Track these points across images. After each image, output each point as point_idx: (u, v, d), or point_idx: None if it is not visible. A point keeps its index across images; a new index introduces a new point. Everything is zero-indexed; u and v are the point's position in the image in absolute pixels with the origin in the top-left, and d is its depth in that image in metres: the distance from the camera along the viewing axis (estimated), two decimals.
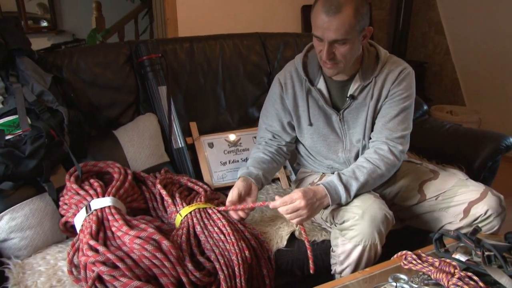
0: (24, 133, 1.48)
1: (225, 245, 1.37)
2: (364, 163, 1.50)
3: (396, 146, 1.53)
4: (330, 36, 1.37)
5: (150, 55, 1.95)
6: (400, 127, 1.54)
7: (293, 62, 1.67)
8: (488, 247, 1.20)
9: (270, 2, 3.55)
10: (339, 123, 1.61)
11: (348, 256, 1.44)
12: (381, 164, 1.50)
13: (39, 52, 1.78)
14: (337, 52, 1.42)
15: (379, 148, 1.53)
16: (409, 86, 1.56)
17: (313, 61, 1.61)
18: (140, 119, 1.93)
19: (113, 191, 1.49)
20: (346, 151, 1.64)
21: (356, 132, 1.61)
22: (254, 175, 1.59)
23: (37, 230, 1.48)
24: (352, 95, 1.57)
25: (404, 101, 1.54)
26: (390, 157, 1.51)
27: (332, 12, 1.34)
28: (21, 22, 5.05)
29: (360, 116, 1.59)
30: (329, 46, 1.40)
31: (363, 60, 1.55)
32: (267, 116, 1.71)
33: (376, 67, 1.55)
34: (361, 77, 1.55)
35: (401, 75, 1.54)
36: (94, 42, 3.95)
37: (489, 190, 1.51)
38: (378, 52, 1.58)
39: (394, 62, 1.58)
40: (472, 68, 3.95)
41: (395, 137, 1.53)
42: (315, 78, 1.60)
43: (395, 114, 1.54)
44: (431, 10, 4.21)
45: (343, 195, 1.44)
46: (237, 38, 2.25)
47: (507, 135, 2.00)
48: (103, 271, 1.18)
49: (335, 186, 1.44)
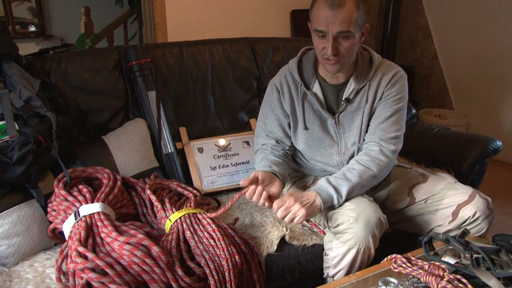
0: (12, 139, 1.47)
1: (215, 250, 1.37)
2: (355, 165, 1.51)
3: (388, 147, 1.54)
4: (336, 29, 1.39)
5: (139, 60, 1.94)
6: (393, 128, 1.56)
7: (287, 67, 1.67)
8: (477, 250, 1.21)
9: (259, 7, 3.57)
10: (334, 127, 1.62)
11: (341, 259, 1.44)
12: (372, 165, 1.51)
13: (27, 57, 1.77)
14: (341, 48, 1.43)
15: (370, 150, 1.54)
16: (402, 89, 1.58)
17: (307, 65, 1.62)
18: (129, 124, 1.92)
19: (102, 197, 1.48)
20: (340, 154, 1.65)
21: (351, 136, 1.62)
22: (275, 170, 1.54)
23: (25, 237, 1.46)
24: (348, 98, 1.58)
25: (397, 102, 1.56)
26: (381, 158, 1.52)
27: (336, 5, 1.37)
28: (9, 27, 5.01)
29: (356, 120, 1.60)
30: (333, 41, 1.41)
31: (357, 63, 1.57)
32: (266, 123, 1.70)
33: (370, 71, 1.57)
34: (355, 80, 1.57)
35: (394, 78, 1.57)
36: (83, 47, 3.93)
37: (477, 192, 1.52)
38: (371, 56, 1.61)
39: (387, 66, 1.60)
40: (460, 72, 3.99)
41: (388, 137, 1.55)
42: (310, 82, 1.61)
43: (388, 115, 1.56)
44: (419, 15, 4.25)
45: (334, 195, 1.44)
46: (226, 43, 2.26)
47: (494, 138, 2.02)
48: (92, 278, 1.17)
49: (325, 188, 1.45)
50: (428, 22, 4.18)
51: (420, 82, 4.39)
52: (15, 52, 1.67)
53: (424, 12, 4.19)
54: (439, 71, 4.17)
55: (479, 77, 3.82)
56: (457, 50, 3.96)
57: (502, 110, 3.69)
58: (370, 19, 4.48)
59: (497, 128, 3.71)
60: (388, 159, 1.53)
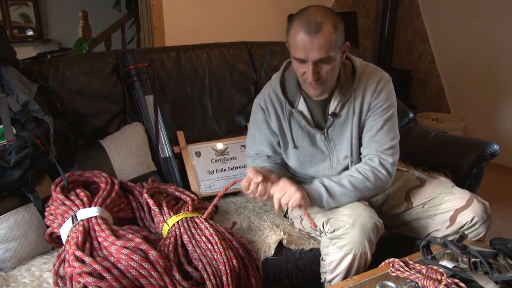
0: (9, 143, 1.46)
1: (212, 255, 1.37)
2: (354, 173, 1.50)
3: (387, 159, 1.51)
4: (315, 56, 1.35)
5: (136, 64, 1.94)
6: (387, 138, 1.53)
7: (270, 85, 1.63)
8: (474, 254, 1.21)
9: (256, 11, 3.57)
10: (324, 142, 1.59)
11: (338, 264, 1.44)
12: (370, 175, 1.49)
13: (24, 61, 1.77)
14: (322, 72, 1.40)
15: (371, 160, 1.52)
16: (389, 95, 1.54)
17: (290, 82, 1.58)
18: (127, 128, 1.92)
19: (100, 201, 1.48)
20: (333, 169, 1.63)
21: (342, 149, 1.59)
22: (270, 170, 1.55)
23: (22, 241, 1.46)
24: (334, 113, 1.55)
25: (386, 111, 1.53)
26: (381, 170, 1.50)
27: (313, 31, 1.33)
28: (6, 31, 5.01)
29: (345, 132, 1.57)
30: (314, 66, 1.38)
31: (339, 75, 1.53)
32: (255, 142, 1.68)
33: (353, 81, 1.54)
34: (340, 93, 1.53)
35: (379, 86, 1.53)
36: (81, 51, 3.93)
37: (474, 197, 1.52)
38: (353, 64, 1.56)
39: (370, 73, 1.56)
40: (457, 75, 4.00)
41: (384, 149, 1.52)
42: (295, 99, 1.58)
43: (380, 126, 1.53)
44: (416, 19, 4.27)
45: (323, 193, 1.44)
46: (224, 47, 2.26)
47: (491, 142, 2.02)
48: (89, 282, 1.17)
49: (316, 185, 1.46)
50: (425, 26, 4.19)
51: (417, 86, 4.40)
52: (12, 56, 1.67)
53: (421, 16, 4.21)
54: (436, 75, 4.18)
55: (476, 81, 3.83)
56: (454, 54, 3.98)
57: (499, 113, 3.70)
58: (367, 23, 4.50)
59: (494, 131, 3.71)
60: (386, 173, 1.51)
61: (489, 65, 3.69)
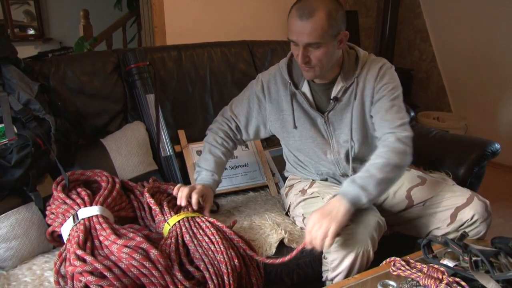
0: (10, 142, 1.46)
1: (214, 254, 1.36)
2: (376, 159, 1.45)
3: (402, 133, 1.48)
4: (304, 40, 1.41)
5: (138, 63, 1.94)
6: (397, 116, 1.51)
7: (278, 66, 1.69)
8: (475, 253, 1.21)
9: (257, 10, 3.57)
10: (324, 125, 1.62)
11: (340, 263, 1.43)
12: (392, 155, 1.44)
13: (25, 60, 1.77)
14: (312, 56, 1.45)
15: (386, 140, 1.49)
16: (393, 78, 1.56)
17: (297, 65, 1.62)
18: (128, 127, 1.92)
19: (101, 200, 1.48)
20: (334, 152, 1.65)
21: (342, 133, 1.62)
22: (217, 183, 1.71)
23: (23, 240, 1.46)
24: (336, 97, 1.59)
25: (392, 92, 1.53)
26: (399, 145, 1.45)
27: (305, 16, 1.38)
28: (7, 30, 5.01)
29: (345, 117, 1.60)
30: (303, 50, 1.43)
31: (343, 62, 1.58)
32: (237, 106, 1.76)
33: (357, 68, 1.58)
34: (343, 78, 1.57)
35: (381, 71, 1.56)
36: (82, 50, 3.93)
37: (475, 195, 1.52)
38: (357, 53, 1.61)
39: (373, 61, 1.59)
40: (458, 75, 4.00)
41: (397, 125, 1.50)
42: (300, 81, 1.63)
43: (389, 106, 1.52)
44: (417, 18, 4.27)
45: (359, 191, 1.38)
46: (225, 46, 2.26)
47: (492, 141, 2.02)
48: (90, 281, 1.17)
49: (350, 189, 1.39)
50: (426, 25, 4.19)
51: (418, 85, 4.40)
52: (13, 55, 1.67)
53: (422, 15, 4.21)
54: (437, 74, 4.18)
55: (477, 79, 3.83)
56: (455, 53, 3.97)
57: (500, 112, 3.70)
58: (368, 23, 4.50)
59: (495, 130, 3.71)
60: (405, 146, 1.46)
61: (490, 64, 3.69)
